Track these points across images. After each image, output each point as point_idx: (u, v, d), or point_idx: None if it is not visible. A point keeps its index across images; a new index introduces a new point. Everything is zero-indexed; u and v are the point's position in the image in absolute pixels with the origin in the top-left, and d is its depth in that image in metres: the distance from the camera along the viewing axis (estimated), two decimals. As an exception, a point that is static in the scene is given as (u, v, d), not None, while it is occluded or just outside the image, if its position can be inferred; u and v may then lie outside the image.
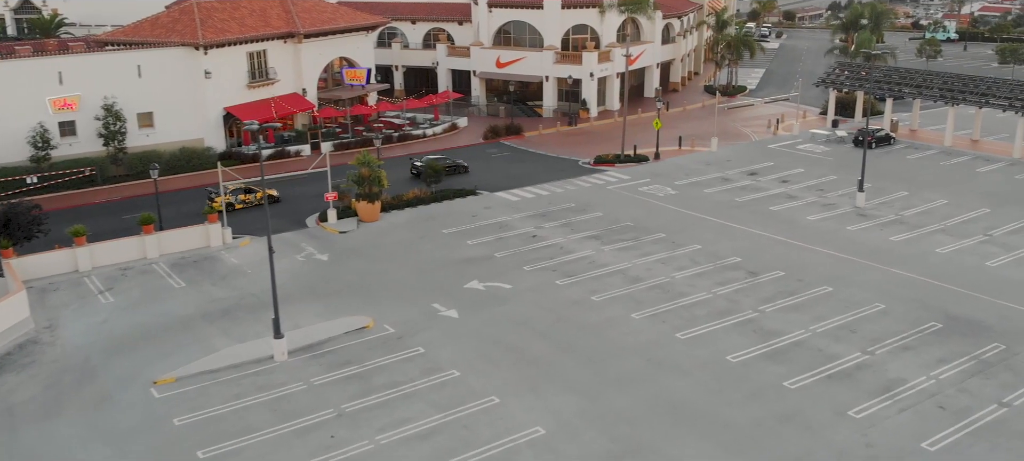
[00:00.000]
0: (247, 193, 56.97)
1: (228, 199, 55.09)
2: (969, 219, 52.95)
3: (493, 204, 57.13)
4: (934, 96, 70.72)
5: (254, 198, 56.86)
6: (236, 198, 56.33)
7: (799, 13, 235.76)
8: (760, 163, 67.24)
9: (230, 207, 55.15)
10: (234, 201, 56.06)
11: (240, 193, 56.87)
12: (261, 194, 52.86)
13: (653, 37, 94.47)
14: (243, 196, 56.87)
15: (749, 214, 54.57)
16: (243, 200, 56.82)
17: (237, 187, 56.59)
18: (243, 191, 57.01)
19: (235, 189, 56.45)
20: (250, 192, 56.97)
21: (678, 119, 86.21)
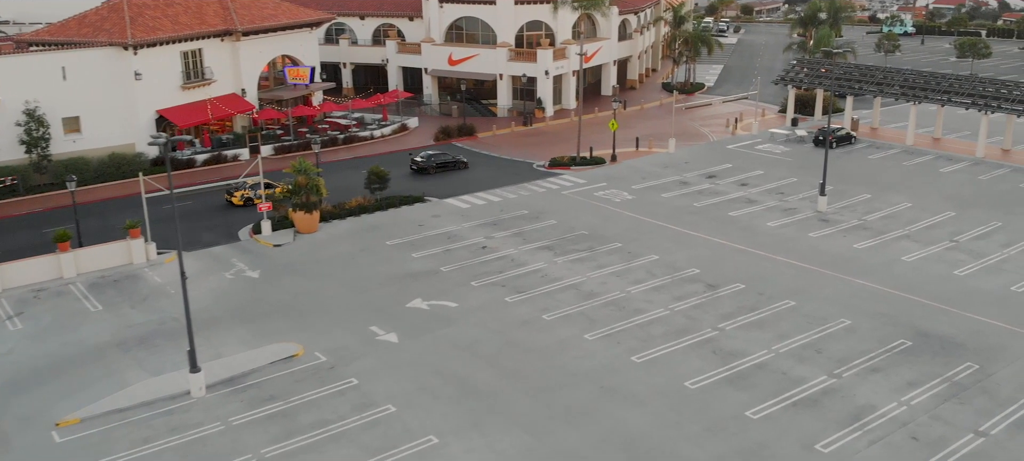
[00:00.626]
0: (267, 187, 55.20)
1: (247, 194, 55.29)
2: (934, 223, 51.15)
3: (442, 212, 54.15)
4: (895, 94, 69.15)
5: (274, 193, 54.90)
6: (255, 193, 54.94)
7: (757, 7, 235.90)
8: (719, 165, 65.05)
9: (250, 202, 55.09)
10: (253, 196, 55.05)
11: (259, 187, 54.80)
12: (281, 188, 53.11)
13: (609, 33, 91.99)
14: (263, 191, 54.55)
15: (708, 221, 52.26)
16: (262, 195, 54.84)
17: (256, 182, 55.22)
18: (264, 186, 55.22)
19: (254, 184, 55.22)
20: (269, 187, 55.35)
21: (635, 118, 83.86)
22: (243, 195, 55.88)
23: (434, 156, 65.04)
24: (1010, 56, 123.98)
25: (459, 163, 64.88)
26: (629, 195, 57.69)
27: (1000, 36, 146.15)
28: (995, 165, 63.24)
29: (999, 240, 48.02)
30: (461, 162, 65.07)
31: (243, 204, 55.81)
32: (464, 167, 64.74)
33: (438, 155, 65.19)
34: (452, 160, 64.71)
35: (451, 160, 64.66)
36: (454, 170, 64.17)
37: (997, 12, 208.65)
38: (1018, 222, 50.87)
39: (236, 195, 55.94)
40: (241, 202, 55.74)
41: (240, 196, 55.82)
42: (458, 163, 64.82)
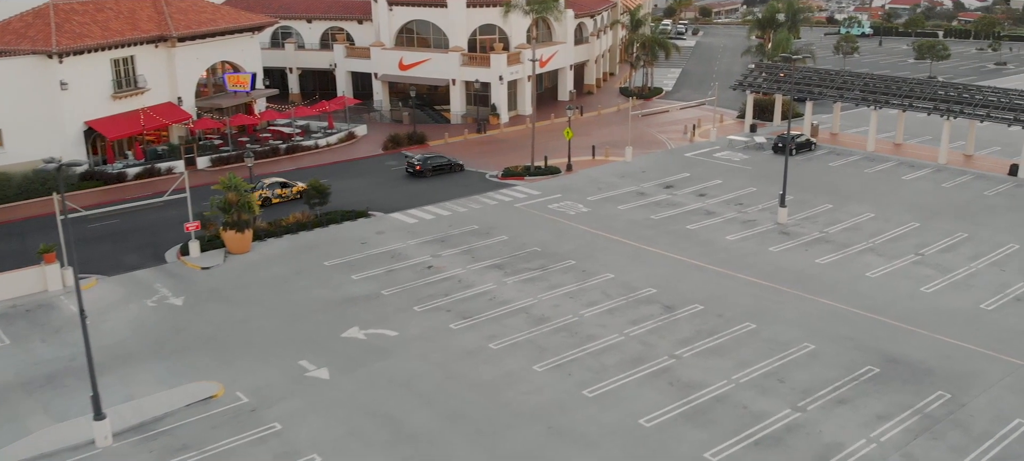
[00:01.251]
0: (284, 187, 56.83)
1: (265, 194, 55.25)
2: (898, 235, 49.36)
3: (387, 228, 51.23)
4: (856, 99, 67.57)
5: (291, 192, 56.69)
6: (273, 192, 55.98)
7: (715, 8, 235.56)
8: (676, 174, 62.87)
9: (267, 201, 55.05)
10: (271, 195, 55.76)
11: (277, 187, 56.61)
12: (298, 188, 55.78)
13: (565, 37, 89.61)
14: (280, 190, 56.63)
15: (665, 235, 49.97)
16: (280, 195, 56.46)
17: (274, 182, 56.73)
18: (280, 185, 56.86)
19: (272, 183, 56.42)
20: (287, 186, 56.80)
21: (592, 125, 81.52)
22: (261, 195, 54.56)
23: (430, 159, 63.98)
24: (968, 57, 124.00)
25: (454, 166, 64.46)
26: (584, 208, 55.24)
27: (957, 37, 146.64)
28: (958, 172, 61.85)
29: (966, 253, 46.31)
30: (457, 165, 64.61)
31: (261, 204, 52.61)
32: (459, 170, 64.32)
33: (433, 158, 64.25)
34: (447, 163, 64.27)
35: (446, 163, 64.23)
36: (449, 173, 63.79)
37: (952, 12, 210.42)
38: (984, 233, 49.27)
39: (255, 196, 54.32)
40: (259, 202, 52.33)
41: (259, 196, 53.56)
42: (453, 166, 64.42)
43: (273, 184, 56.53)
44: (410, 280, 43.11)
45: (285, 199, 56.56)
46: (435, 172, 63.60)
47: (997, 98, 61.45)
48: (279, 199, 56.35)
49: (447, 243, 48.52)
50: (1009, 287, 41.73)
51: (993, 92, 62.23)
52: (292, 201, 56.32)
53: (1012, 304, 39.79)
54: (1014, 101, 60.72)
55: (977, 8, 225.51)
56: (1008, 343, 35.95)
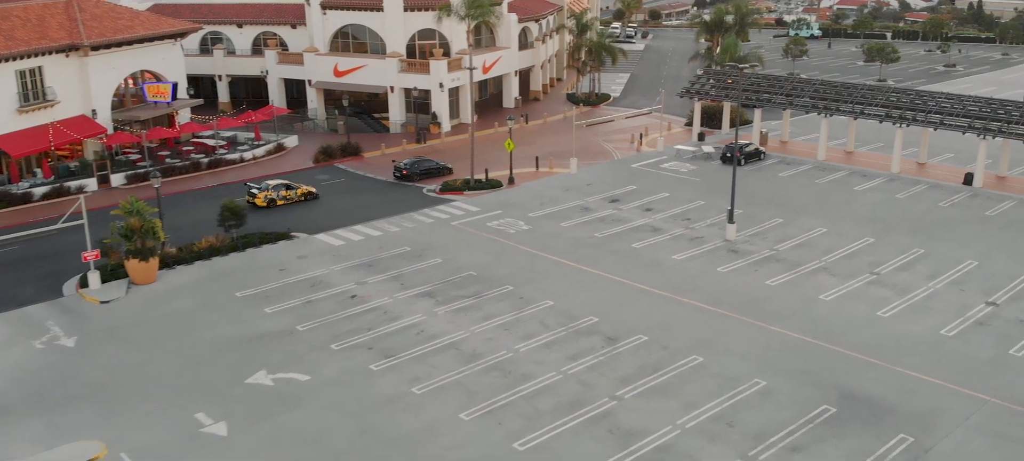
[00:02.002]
0: (288, 189, 56.76)
1: (270, 195, 55.42)
2: (852, 252, 46.97)
3: (310, 251, 47.47)
4: (806, 106, 65.37)
5: (295, 194, 56.64)
6: (278, 194, 55.96)
7: (665, 10, 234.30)
8: (623, 186, 59.99)
9: (272, 203, 55.29)
10: (276, 197, 55.73)
11: (282, 188, 56.49)
12: (302, 190, 56.89)
13: (509, 42, 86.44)
14: (285, 192, 56.47)
15: (609, 254, 46.98)
16: (285, 196, 56.24)
17: (279, 183, 56.85)
18: (284, 186, 56.79)
19: (277, 185, 56.51)
20: (291, 188, 56.84)
21: (538, 133, 78.37)
22: (266, 196, 55.29)
23: (417, 163, 63.05)
24: (917, 59, 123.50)
25: (443, 169, 63.40)
26: (525, 225, 52.04)
27: (905, 38, 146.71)
28: (911, 181, 59.89)
29: (923, 271, 44.02)
30: (445, 168, 63.53)
31: (266, 205, 55.10)
32: (449, 173, 63.08)
33: (422, 162, 63.35)
34: (436, 167, 63.27)
35: (435, 167, 63.22)
36: (438, 176, 62.47)
37: (898, 12, 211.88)
38: (941, 248, 47.10)
39: (260, 196, 55.22)
40: (264, 203, 55.14)
41: (264, 197, 55.14)
42: (442, 169, 63.33)
43: (278, 185, 56.41)
44: (330, 312, 39.45)
45: (290, 201, 56.27)
46: (423, 176, 62.22)
47: (950, 105, 59.65)
48: (284, 201, 56.04)
49: (375, 268, 44.94)
50: (970, 309, 39.44)
51: (946, 98, 60.47)
52: (297, 203, 56.26)
53: (974, 329, 37.45)
54: (967, 107, 58.95)
55: (923, 8, 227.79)
56: (971, 375, 33.51)
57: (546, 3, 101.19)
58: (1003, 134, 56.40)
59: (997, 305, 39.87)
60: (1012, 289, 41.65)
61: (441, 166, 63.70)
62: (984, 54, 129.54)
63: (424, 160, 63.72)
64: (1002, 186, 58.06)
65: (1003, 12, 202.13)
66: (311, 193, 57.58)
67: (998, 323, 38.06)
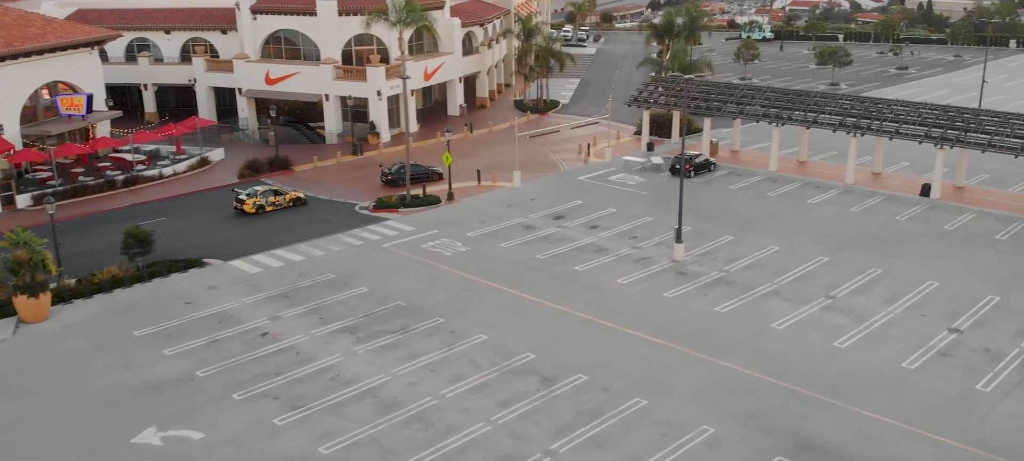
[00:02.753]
0: (276, 194, 55.84)
1: (259, 201, 54.63)
2: (806, 273, 44.27)
3: (223, 280, 43.49)
4: (757, 115, 62.75)
5: (284, 199, 55.76)
6: (267, 200, 55.10)
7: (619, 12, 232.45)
8: (568, 201, 56.85)
9: (261, 209, 54.50)
10: (264, 203, 54.86)
11: (271, 194, 55.58)
12: (291, 195, 56.09)
13: (452, 48, 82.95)
14: (273, 198, 55.52)
15: (550, 279, 43.74)
16: (274, 202, 55.34)
17: (267, 189, 56.02)
18: (273, 193, 55.81)
19: (265, 191, 55.67)
20: (279, 194, 55.93)
21: (483, 143, 74.92)
22: (255, 203, 54.50)
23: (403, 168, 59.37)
24: (870, 61, 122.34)
25: (433, 174, 61.38)
26: (463, 246, 48.58)
27: (857, 40, 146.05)
28: (867, 193, 57.53)
29: (881, 294, 41.40)
30: (434, 173, 61.51)
31: (255, 212, 54.46)
32: (438, 178, 60.80)
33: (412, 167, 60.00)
34: (425, 172, 61.20)
35: (424, 172, 61.15)
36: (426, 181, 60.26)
37: (850, 13, 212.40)
38: (899, 268, 44.59)
39: (248, 202, 54.41)
40: (253, 209, 54.41)
41: (253, 203, 54.41)
42: (431, 174, 61.34)
43: (266, 191, 55.59)
44: (236, 354, 35.58)
45: (279, 206, 55.43)
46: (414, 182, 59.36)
47: (906, 113, 57.44)
48: (273, 207, 55.18)
49: (293, 300, 41.14)
50: (931, 337, 36.85)
51: (901, 106, 58.25)
52: (286, 208, 55.49)
53: (937, 361, 34.81)
54: (923, 115, 56.77)
55: (874, 8, 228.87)
56: (936, 415, 30.80)
57: (492, 7, 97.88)
58: (960, 143, 54.31)
59: (961, 332, 37.36)
60: (975, 313, 39.20)
61: (430, 171, 61.52)
62: (936, 56, 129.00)
63: (414, 165, 60.33)
64: (960, 197, 55.99)
65: (952, 12, 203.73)
66: (300, 198, 56.49)
67: (963, 353, 35.51)
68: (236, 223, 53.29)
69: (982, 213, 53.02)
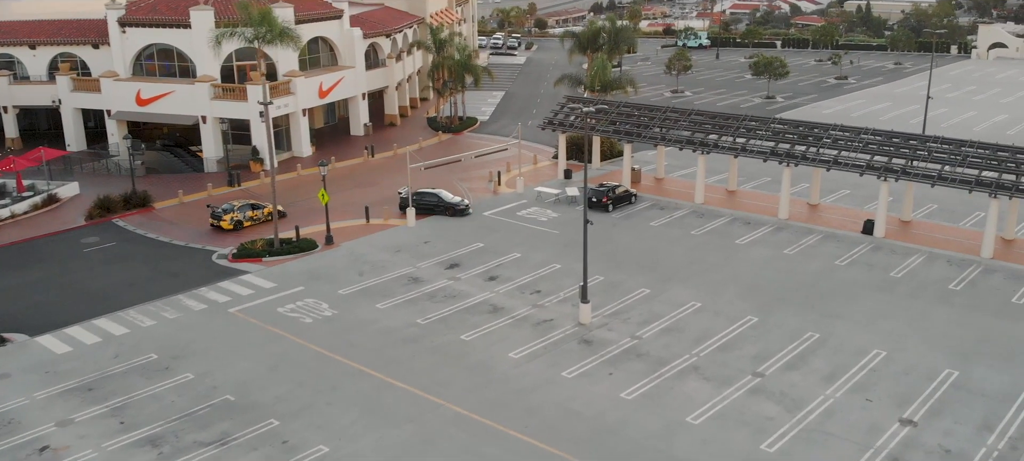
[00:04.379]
0: (254, 208, 53.36)
1: (236, 217, 52.21)
2: (730, 339, 37.25)
3: (16, 367, 34.94)
4: (681, 141, 55.76)
5: (261, 214, 53.25)
6: (244, 215, 52.62)
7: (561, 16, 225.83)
8: (468, 244, 49.31)
9: (239, 225, 52.14)
10: (243, 219, 52.43)
11: (248, 209, 53.08)
12: (269, 209, 53.07)
13: (353, 61, 74.85)
14: (252, 213, 53.08)
15: (427, 354, 36.09)
16: (252, 217, 52.87)
17: (244, 204, 53.41)
18: (250, 207, 53.31)
19: (242, 205, 53.14)
20: (257, 208, 53.46)
21: (384, 170, 66.73)
22: (233, 218, 51.95)
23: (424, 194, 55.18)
24: (807, 70, 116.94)
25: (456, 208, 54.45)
26: (329, 309, 40.67)
27: (796, 47, 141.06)
28: (803, 230, 50.93)
29: (819, 369, 34.51)
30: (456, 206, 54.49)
31: (232, 228, 51.79)
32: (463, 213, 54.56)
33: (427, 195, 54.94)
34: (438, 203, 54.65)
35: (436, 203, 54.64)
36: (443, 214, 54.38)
37: (789, 16, 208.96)
38: (840, 332, 37.78)
39: (226, 219, 51.78)
40: (231, 225, 51.78)
41: (231, 220, 51.86)
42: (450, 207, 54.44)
43: (243, 206, 53.00)
44: (-6, 485, 27.35)
45: (257, 221, 52.90)
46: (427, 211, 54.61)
47: (846, 139, 50.94)
48: (251, 222, 52.69)
49: (95, 394, 32.80)
50: (881, 432, 29.98)
51: (841, 131, 51.74)
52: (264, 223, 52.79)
53: (886, 472, 28.03)
54: (866, 142, 50.34)
55: (813, 11, 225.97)
56: (888, 562, 23.89)
57: (404, 15, 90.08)
58: (906, 176, 47.98)
59: (915, 424, 30.60)
60: (931, 395, 32.48)
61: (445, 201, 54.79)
62: (876, 63, 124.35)
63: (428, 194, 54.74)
64: (907, 234, 49.71)
65: (891, 13, 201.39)
66: (281, 213, 53.07)
67: (919, 456, 28.71)
68: (68, 279, 44.60)
69: (932, 255, 46.70)
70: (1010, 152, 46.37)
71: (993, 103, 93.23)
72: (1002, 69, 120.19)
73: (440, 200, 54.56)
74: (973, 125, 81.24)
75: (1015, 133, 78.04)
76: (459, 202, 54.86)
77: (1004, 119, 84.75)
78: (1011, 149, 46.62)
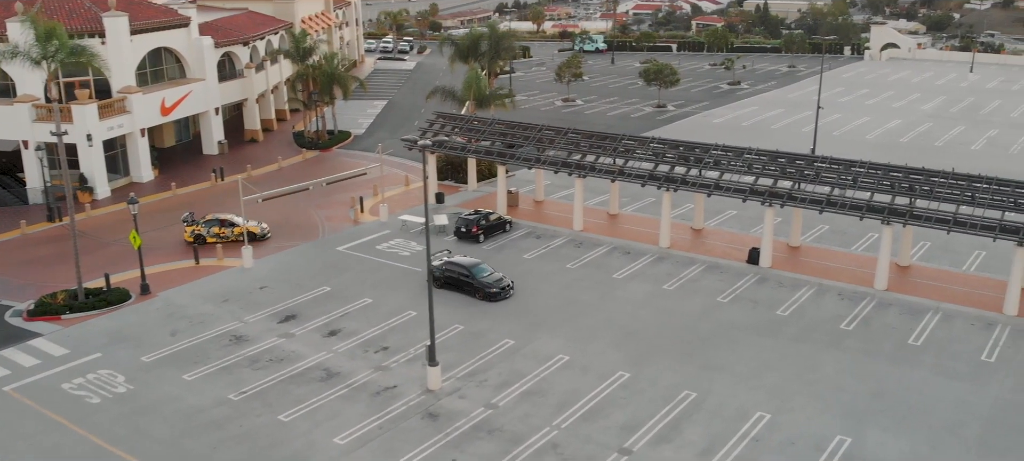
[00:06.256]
0: (223, 226, 48.79)
1: (198, 230, 48.61)
2: (598, 403, 32.14)
3: None
4: (557, 164, 50.66)
5: (232, 233, 48.50)
6: (209, 230, 48.75)
7: (466, 16, 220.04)
8: (312, 288, 43.09)
9: (200, 240, 48.33)
10: (205, 234, 48.64)
11: (215, 225, 48.89)
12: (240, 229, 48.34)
13: (203, 72, 67.45)
14: (218, 229, 48.76)
15: (233, 444, 29.82)
16: (218, 234, 48.69)
17: (212, 218, 49.49)
18: (218, 223, 49.04)
19: (210, 220, 49.37)
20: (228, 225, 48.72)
21: (235, 195, 59.66)
22: (194, 231, 48.71)
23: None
24: (701, 75, 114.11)
25: (489, 289, 41.55)
26: (124, 384, 33.91)
27: (692, 50, 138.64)
28: (685, 260, 46.42)
29: (695, 442, 29.55)
30: (489, 287, 41.61)
31: (192, 241, 48.28)
32: (501, 297, 41.54)
33: (453, 267, 42.95)
34: (467, 279, 42.23)
35: (466, 280, 42.27)
36: (473, 296, 42.01)
37: (690, 17, 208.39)
38: (720, 389, 33.10)
39: (186, 231, 48.88)
40: (191, 238, 48.50)
41: (191, 232, 48.70)
42: (481, 289, 41.67)
43: (211, 221, 48.85)
44: None
45: (225, 239, 48.37)
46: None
47: (729, 159, 46.63)
48: (215, 239, 48.40)
49: None
50: (758, 532, 25.34)
51: (723, 151, 47.39)
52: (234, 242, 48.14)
53: None
54: (751, 163, 46.13)
55: (714, 11, 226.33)
56: None
57: (268, 20, 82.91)
58: (793, 201, 43.93)
59: (798, 516, 26.04)
60: (818, 472, 28.10)
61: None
62: (771, 67, 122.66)
63: (457, 263, 42.71)
64: (795, 262, 45.74)
65: (787, 12, 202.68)
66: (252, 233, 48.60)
67: None
68: None
69: (822, 287, 42.70)
70: (903, 173, 42.74)
71: (886, 108, 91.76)
72: (895, 70, 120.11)
73: (471, 277, 41.78)
74: (866, 133, 79.05)
75: (908, 141, 76.15)
76: (496, 282, 41.57)
77: (897, 125, 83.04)
78: (904, 169, 43.01)
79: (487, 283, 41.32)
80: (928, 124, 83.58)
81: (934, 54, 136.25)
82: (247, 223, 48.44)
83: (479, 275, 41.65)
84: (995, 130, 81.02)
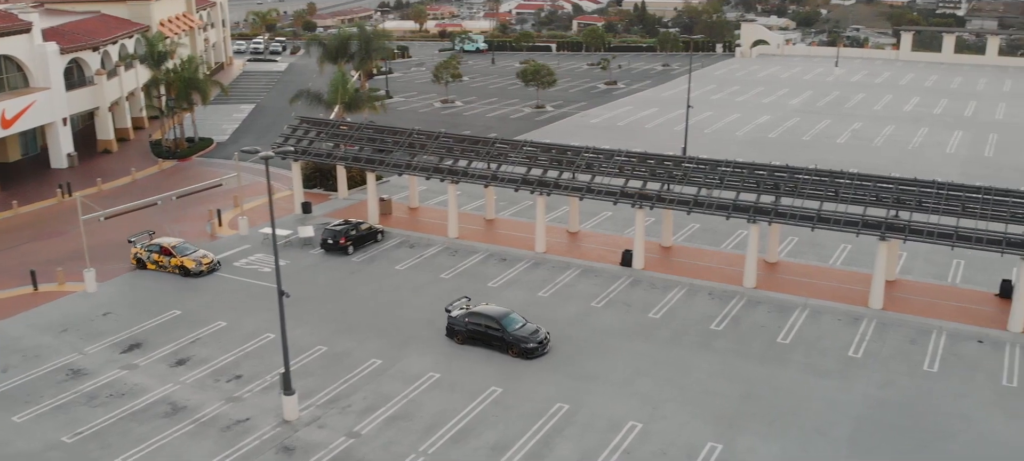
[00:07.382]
0: (163, 254, 44.23)
1: (141, 254, 44.83)
2: (469, 421, 30.58)
3: None
4: (429, 169, 48.95)
5: (169, 263, 43.94)
6: (149, 257, 44.55)
7: (347, 15, 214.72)
8: (162, 313, 39.92)
9: (141, 264, 44.79)
10: (146, 259, 44.60)
11: (155, 252, 44.53)
12: (178, 261, 43.69)
13: (48, 81, 62.48)
14: (157, 256, 44.36)
15: (59, 495, 26.94)
16: (157, 261, 44.36)
17: (154, 244, 44.95)
18: (159, 250, 44.57)
19: (152, 245, 44.94)
20: (168, 255, 44.07)
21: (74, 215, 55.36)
22: (137, 254, 45.06)
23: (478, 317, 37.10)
24: (578, 75, 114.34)
25: (524, 344, 35.42)
26: (-60, 429, 30.31)
27: (571, 50, 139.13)
28: (560, 265, 45.45)
29: (567, 457, 28.63)
30: (523, 342, 35.50)
31: (135, 264, 45.08)
32: (535, 354, 35.43)
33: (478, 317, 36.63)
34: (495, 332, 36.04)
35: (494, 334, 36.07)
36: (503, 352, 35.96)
37: (571, 16, 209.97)
38: (593, 400, 31.91)
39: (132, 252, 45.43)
40: (134, 261, 45.18)
41: (134, 255, 45.17)
42: (513, 344, 35.49)
43: (152, 247, 44.88)
44: None
45: (163, 268, 44.39)
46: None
47: (599, 162, 45.96)
48: (155, 265, 44.67)
49: None
50: (628, 554, 24.33)
51: (594, 153, 46.70)
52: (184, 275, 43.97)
53: None
54: (621, 165, 45.57)
55: (594, 10, 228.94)
56: None
57: (123, 23, 77.93)
58: (662, 203, 43.57)
59: (669, 534, 25.16)
60: (689, 485, 27.35)
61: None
62: (646, 66, 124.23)
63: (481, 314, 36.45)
64: (667, 262, 45.43)
65: (665, 11, 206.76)
66: (185, 267, 43.79)
67: None
68: None
69: (693, 287, 42.45)
70: (767, 171, 42.95)
71: (756, 104, 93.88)
72: (764, 66, 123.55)
73: (502, 329, 35.66)
74: (736, 130, 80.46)
75: (777, 136, 77.85)
76: (532, 334, 35.66)
77: (766, 120, 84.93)
78: (767, 168, 43.23)
79: (521, 336, 35.41)
80: (796, 119, 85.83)
81: (802, 50, 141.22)
82: (184, 256, 43.96)
83: (510, 327, 35.78)
84: (859, 123, 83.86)
